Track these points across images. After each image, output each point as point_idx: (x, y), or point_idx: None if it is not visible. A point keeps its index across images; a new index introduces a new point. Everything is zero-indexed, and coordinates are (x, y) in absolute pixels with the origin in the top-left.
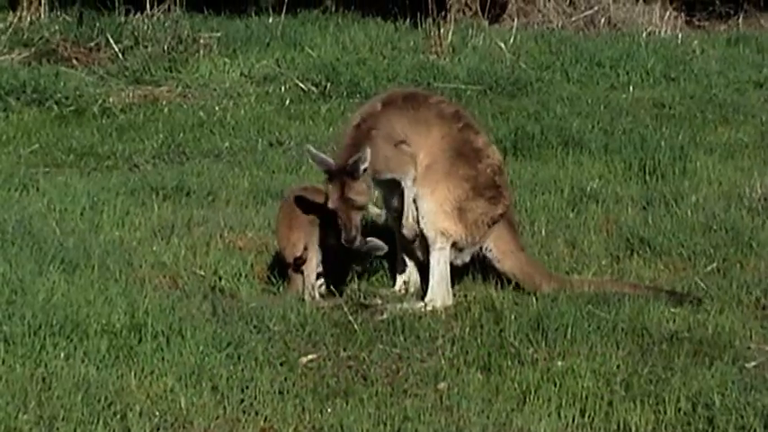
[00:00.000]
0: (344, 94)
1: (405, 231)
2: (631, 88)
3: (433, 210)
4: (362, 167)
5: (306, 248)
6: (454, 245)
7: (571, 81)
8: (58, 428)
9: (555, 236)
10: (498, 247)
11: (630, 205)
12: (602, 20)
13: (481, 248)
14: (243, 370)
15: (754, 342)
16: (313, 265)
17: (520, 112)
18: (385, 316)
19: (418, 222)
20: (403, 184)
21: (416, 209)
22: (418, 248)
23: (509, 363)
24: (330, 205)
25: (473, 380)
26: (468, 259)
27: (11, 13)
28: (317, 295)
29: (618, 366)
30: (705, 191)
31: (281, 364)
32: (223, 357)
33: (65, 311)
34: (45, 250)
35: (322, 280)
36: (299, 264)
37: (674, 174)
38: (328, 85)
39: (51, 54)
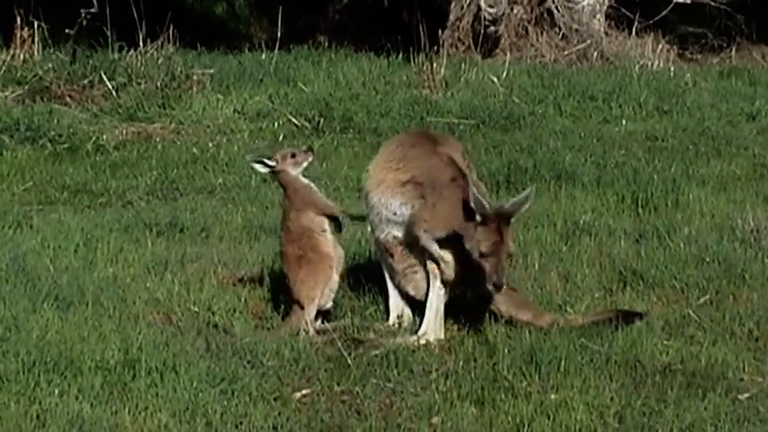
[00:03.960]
0: (337, 129)
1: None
2: (624, 121)
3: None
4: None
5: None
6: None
7: (564, 115)
8: None
9: (548, 269)
10: None
11: (623, 238)
12: (595, 53)
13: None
14: (237, 405)
15: (746, 374)
16: (316, 301)
17: (513, 147)
18: (379, 350)
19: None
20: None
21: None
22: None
23: (502, 396)
24: (484, 249)
25: (467, 414)
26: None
27: (4, 50)
28: (312, 330)
29: (611, 399)
30: (698, 223)
31: (275, 400)
32: (217, 393)
33: (59, 348)
34: (39, 287)
35: (319, 318)
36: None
37: (667, 206)
38: (321, 120)
39: (45, 92)
